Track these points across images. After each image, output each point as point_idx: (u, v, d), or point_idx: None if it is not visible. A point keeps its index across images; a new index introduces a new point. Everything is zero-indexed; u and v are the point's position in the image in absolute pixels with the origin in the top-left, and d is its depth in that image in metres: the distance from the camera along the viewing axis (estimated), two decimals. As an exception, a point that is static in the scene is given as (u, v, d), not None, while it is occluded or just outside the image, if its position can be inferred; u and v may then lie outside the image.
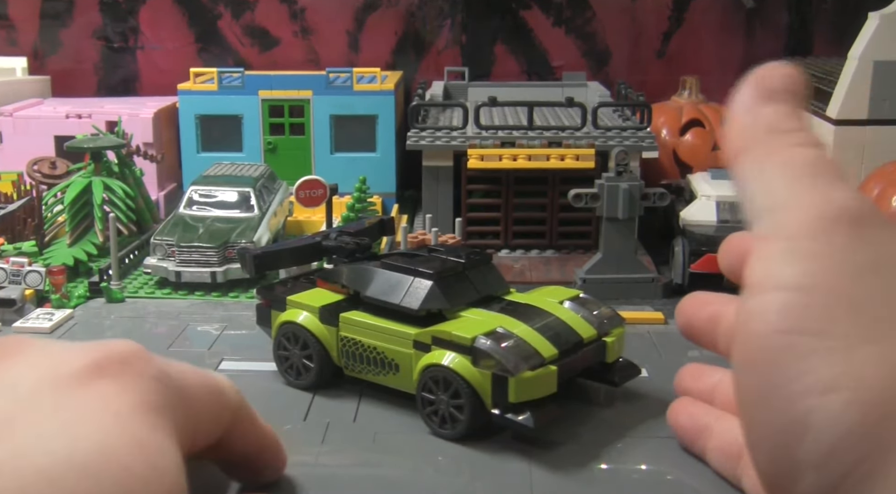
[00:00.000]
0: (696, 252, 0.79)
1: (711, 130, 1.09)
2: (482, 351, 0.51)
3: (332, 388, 0.59)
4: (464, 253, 0.60)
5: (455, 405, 0.52)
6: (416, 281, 0.56)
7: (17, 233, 0.89)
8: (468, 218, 0.91)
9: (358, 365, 0.57)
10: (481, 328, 0.52)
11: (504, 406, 0.51)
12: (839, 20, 1.23)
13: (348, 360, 0.58)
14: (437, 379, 0.53)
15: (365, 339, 0.56)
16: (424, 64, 1.26)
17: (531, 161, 0.89)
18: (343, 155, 1.06)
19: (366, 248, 0.64)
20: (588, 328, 0.56)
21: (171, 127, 1.09)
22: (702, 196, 0.87)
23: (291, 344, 0.60)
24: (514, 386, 0.50)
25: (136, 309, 0.77)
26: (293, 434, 0.54)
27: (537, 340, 0.52)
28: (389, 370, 0.56)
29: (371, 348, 0.56)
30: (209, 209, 0.86)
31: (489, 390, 0.51)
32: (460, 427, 0.52)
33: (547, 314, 0.56)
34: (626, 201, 0.79)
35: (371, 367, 0.57)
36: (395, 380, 0.56)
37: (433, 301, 0.55)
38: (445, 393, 0.52)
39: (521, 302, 0.58)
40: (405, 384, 0.55)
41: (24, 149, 1.04)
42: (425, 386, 0.53)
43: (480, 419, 0.52)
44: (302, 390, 0.59)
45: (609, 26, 1.25)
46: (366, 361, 0.57)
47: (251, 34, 1.25)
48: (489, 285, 0.59)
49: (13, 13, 1.26)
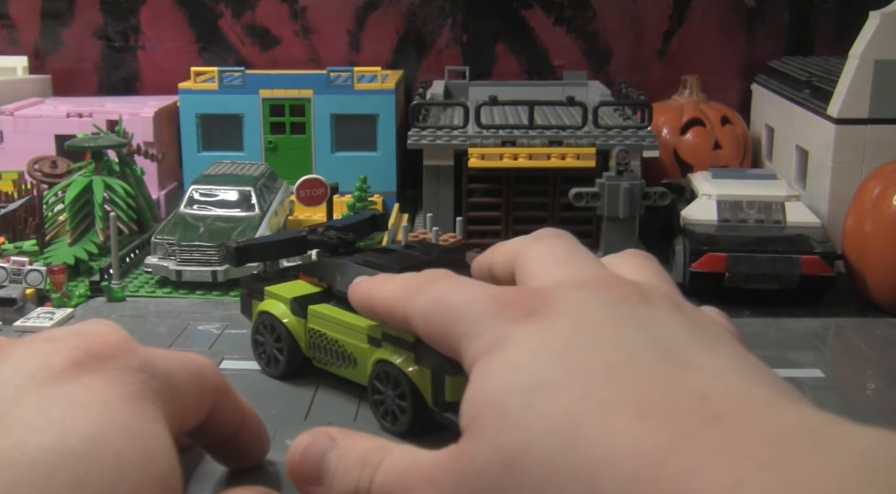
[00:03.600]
0: (696, 251, 0.79)
1: (712, 130, 1.09)
2: (424, 349, 0.51)
3: (332, 388, 0.59)
4: (436, 250, 0.61)
5: (398, 405, 0.53)
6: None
7: (17, 232, 0.89)
8: (469, 217, 0.91)
9: (324, 357, 0.59)
10: None
11: (443, 404, 0.51)
12: (840, 19, 1.22)
13: (315, 352, 0.59)
14: (385, 374, 0.54)
15: (329, 332, 0.58)
16: (425, 63, 1.26)
17: (532, 160, 0.89)
18: (344, 154, 1.06)
19: (349, 243, 0.64)
20: None
21: (171, 126, 1.10)
22: (702, 195, 0.87)
23: (266, 334, 0.61)
24: (450, 384, 0.50)
25: (136, 308, 0.77)
26: (292, 434, 0.54)
27: None
28: (349, 363, 0.57)
29: (333, 341, 0.57)
30: (210, 208, 0.86)
31: (430, 388, 0.52)
32: (403, 423, 0.53)
33: None
34: (626, 200, 0.79)
35: (334, 360, 0.58)
36: (352, 373, 0.57)
37: None
38: (393, 389, 0.53)
39: None
40: (361, 377, 0.56)
41: (24, 149, 1.04)
42: (375, 380, 0.54)
43: (423, 416, 0.52)
44: (274, 378, 0.61)
45: (610, 26, 1.25)
46: (329, 353, 0.58)
47: (252, 33, 1.25)
48: None
49: (14, 12, 1.26)
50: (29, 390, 0.33)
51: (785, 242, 0.80)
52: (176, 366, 0.38)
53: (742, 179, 0.91)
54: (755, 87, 1.17)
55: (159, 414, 0.35)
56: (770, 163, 1.10)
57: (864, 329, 0.73)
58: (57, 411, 0.32)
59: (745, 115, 1.16)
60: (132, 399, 0.34)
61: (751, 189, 0.87)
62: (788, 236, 0.82)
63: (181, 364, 0.39)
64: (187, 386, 0.39)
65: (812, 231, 0.83)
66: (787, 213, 0.84)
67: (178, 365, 0.39)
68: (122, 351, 0.36)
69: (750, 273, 0.77)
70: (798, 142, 0.98)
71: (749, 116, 1.18)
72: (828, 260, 0.78)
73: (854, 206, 0.80)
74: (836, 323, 0.75)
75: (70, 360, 0.34)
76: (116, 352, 0.35)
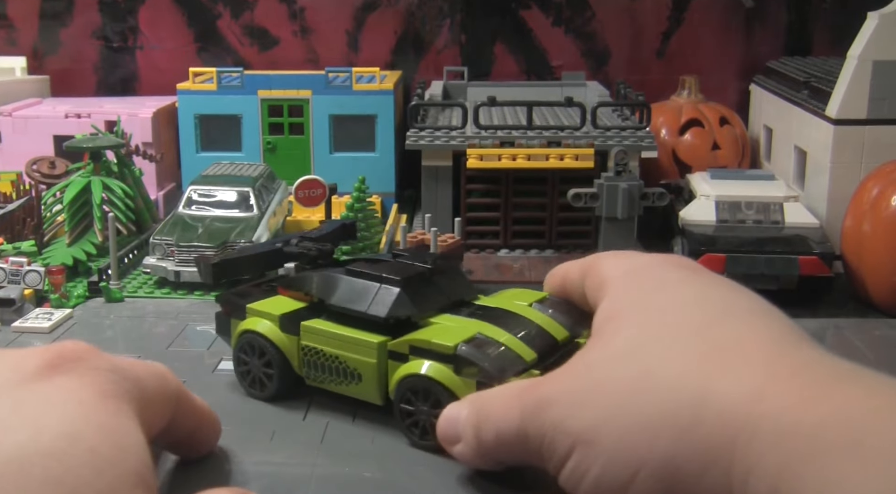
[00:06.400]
0: (695, 251, 0.79)
1: (711, 130, 1.09)
2: (465, 359, 0.50)
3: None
4: (430, 257, 0.59)
5: (436, 415, 0.49)
6: (382, 287, 0.54)
7: (16, 232, 0.89)
8: (467, 217, 0.91)
9: (320, 374, 0.56)
10: (461, 335, 0.51)
11: None
12: (838, 20, 1.23)
13: (310, 370, 0.56)
14: (415, 389, 0.51)
15: (326, 348, 0.55)
16: (424, 63, 1.26)
17: (530, 161, 0.89)
18: (342, 154, 1.06)
19: (328, 254, 0.63)
20: (561, 330, 0.54)
21: (170, 126, 1.09)
22: (701, 195, 0.87)
23: (251, 354, 0.58)
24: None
25: (135, 308, 0.77)
26: (292, 434, 0.54)
27: (517, 345, 0.51)
28: (352, 380, 0.54)
29: (332, 357, 0.55)
30: (208, 209, 0.86)
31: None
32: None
33: (520, 318, 0.54)
34: (625, 201, 0.79)
35: (333, 377, 0.55)
36: (356, 390, 0.54)
37: (401, 308, 0.54)
38: (425, 403, 0.51)
39: (490, 306, 0.56)
40: (367, 393, 0.54)
41: (23, 149, 1.04)
42: (403, 397, 0.52)
43: None
44: (263, 401, 0.58)
45: (608, 26, 1.25)
46: (328, 371, 0.55)
47: (250, 34, 1.25)
48: (457, 290, 0.58)
49: (12, 13, 1.26)
50: (2, 391, 0.33)
51: (783, 243, 0.80)
52: (142, 370, 0.40)
53: (740, 180, 0.91)
54: (754, 88, 1.18)
55: (132, 412, 0.36)
56: (768, 163, 1.10)
57: (863, 329, 0.73)
58: (31, 410, 0.32)
59: (744, 116, 1.16)
60: (105, 397, 0.35)
61: (749, 189, 0.87)
62: (787, 237, 0.82)
63: (146, 368, 0.41)
64: (154, 389, 0.40)
65: (810, 231, 0.83)
66: (786, 214, 0.85)
67: (143, 368, 0.40)
68: (92, 354, 0.37)
69: (748, 273, 0.77)
70: (796, 142, 0.98)
71: (748, 117, 1.18)
72: (826, 260, 0.78)
73: (852, 207, 0.80)
74: (834, 323, 0.75)
75: (43, 362, 0.35)
76: (87, 355, 0.37)
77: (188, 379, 0.55)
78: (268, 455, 0.51)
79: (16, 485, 0.29)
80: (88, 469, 0.31)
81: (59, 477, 0.30)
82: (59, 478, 0.30)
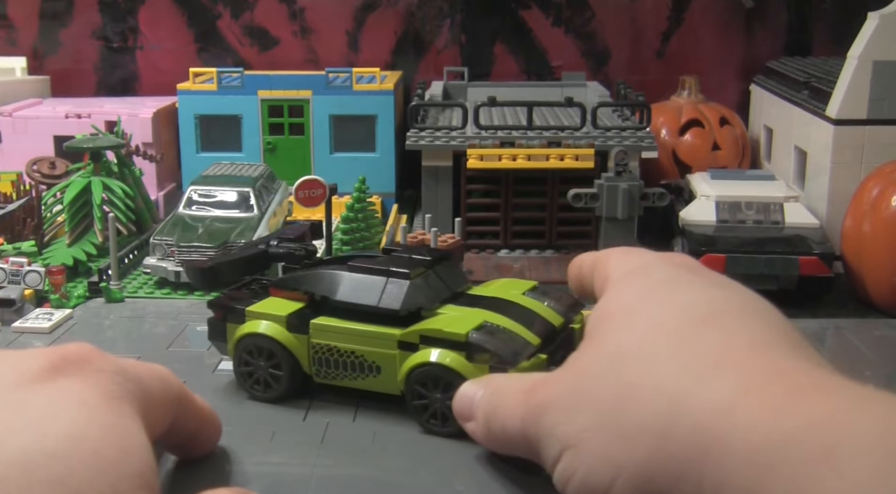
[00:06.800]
0: (695, 252, 0.79)
1: (711, 130, 1.09)
2: (477, 346, 0.51)
3: (330, 389, 0.59)
4: (425, 251, 0.60)
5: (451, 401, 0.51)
6: (390, 281, 0.56)
7: (16, 232, 0.89)
8: (468, 218, 0.91)
9: (332, 370, 0.56)
10: (469, 323, 0.53)
11: None
12: (838, 20, 1.23)
13: (321, 367, 0.56)
14: (428, 377, 0.53)
15: (341, 344, 0.55)
16: (424, 64, 1.26)
17: (530, 161, 0.89)
18: (342, 155, 1.06)
19: (313, 253, 0.64)
20: (556, 316, 0.57)
21: (170, 127, 1.09)
22: (701, 196, 0.87)
23: (256, 357, 0.58)
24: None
25: (135, 308, 0.77)
26: (292, 434, 0.54)
27: (523, 331, 0.53)
28: (370, 373, 0.55)
29: (348, 352, 0.55)
30: (208, 209, 0.86)
31: None
32: (454, 423, 0.51)
33: (518, 305, 0.56)
34: (625, 201, 0.79)
35: (348, 372, 0.56)
36: (375, 383, 0.55)
37: (414, 300, 0.55)
38: (438, 390, 0.52)
39: (487, 295, 0.58)
40: (387, 386, 0.55)
41: (23, 149, 1.04)
42: (416, 386, 0.53)
43: None
44: (270, 403, 0.58)
45: (608, 26, 1.25)
46: (341, 366, 0.56)
47: (250, 34, 1.25)
48: (456, 281, 0.59)
49: (12, 13, 1.26)
50: (7, 393, 0.33)
51: (783, 243, 0.80)
52: (145, 372, 0.40)
53: (740, 180, 0.91)
54: (754, 88, 1.18)
55: (135, 414, 0.36)
56: (768, 163, 1.10)
57: (863, 329, 0.73)
58: (35, 412, 0.33)
59: (744, 116, 1.16)
60: (109, 399, 0.35)
61: (749, 190, 0.87)
62: (787, 237, 0.82)
63: (148, 370, 0.41)
64: (157, 391, 0.40)
65: (810, 232, 0.83)
66: (786, 214, 0.85)
67: (145, 371, 0.41)
68: (96, 356, 0.37)
69: (748, 273, 0.77)
70: (797, 142, 0.98)
71: (748, 117, 1.18)
72: (826, 260, 0.78)
73: (852, 207, 0.80)
74: (834, 323, 0.75)
75: (47, 364, 0.35)
76: (91, 357, 0.37)
77: (188, 380, 0.55)
78: (268, 456, 0.51)
79: (20, 486, 0.29)
80: (92, 470, 0.31)
81: (62, 479, 0.30)
82: (62, 480, 0.30)
